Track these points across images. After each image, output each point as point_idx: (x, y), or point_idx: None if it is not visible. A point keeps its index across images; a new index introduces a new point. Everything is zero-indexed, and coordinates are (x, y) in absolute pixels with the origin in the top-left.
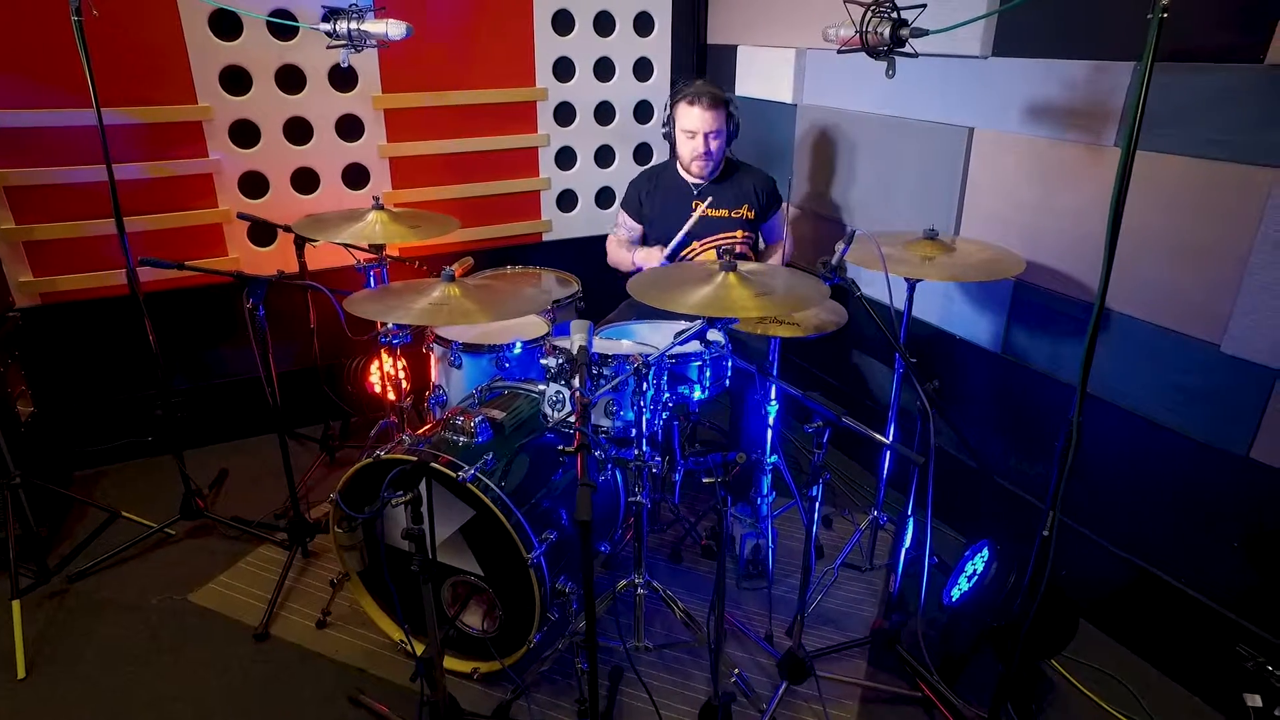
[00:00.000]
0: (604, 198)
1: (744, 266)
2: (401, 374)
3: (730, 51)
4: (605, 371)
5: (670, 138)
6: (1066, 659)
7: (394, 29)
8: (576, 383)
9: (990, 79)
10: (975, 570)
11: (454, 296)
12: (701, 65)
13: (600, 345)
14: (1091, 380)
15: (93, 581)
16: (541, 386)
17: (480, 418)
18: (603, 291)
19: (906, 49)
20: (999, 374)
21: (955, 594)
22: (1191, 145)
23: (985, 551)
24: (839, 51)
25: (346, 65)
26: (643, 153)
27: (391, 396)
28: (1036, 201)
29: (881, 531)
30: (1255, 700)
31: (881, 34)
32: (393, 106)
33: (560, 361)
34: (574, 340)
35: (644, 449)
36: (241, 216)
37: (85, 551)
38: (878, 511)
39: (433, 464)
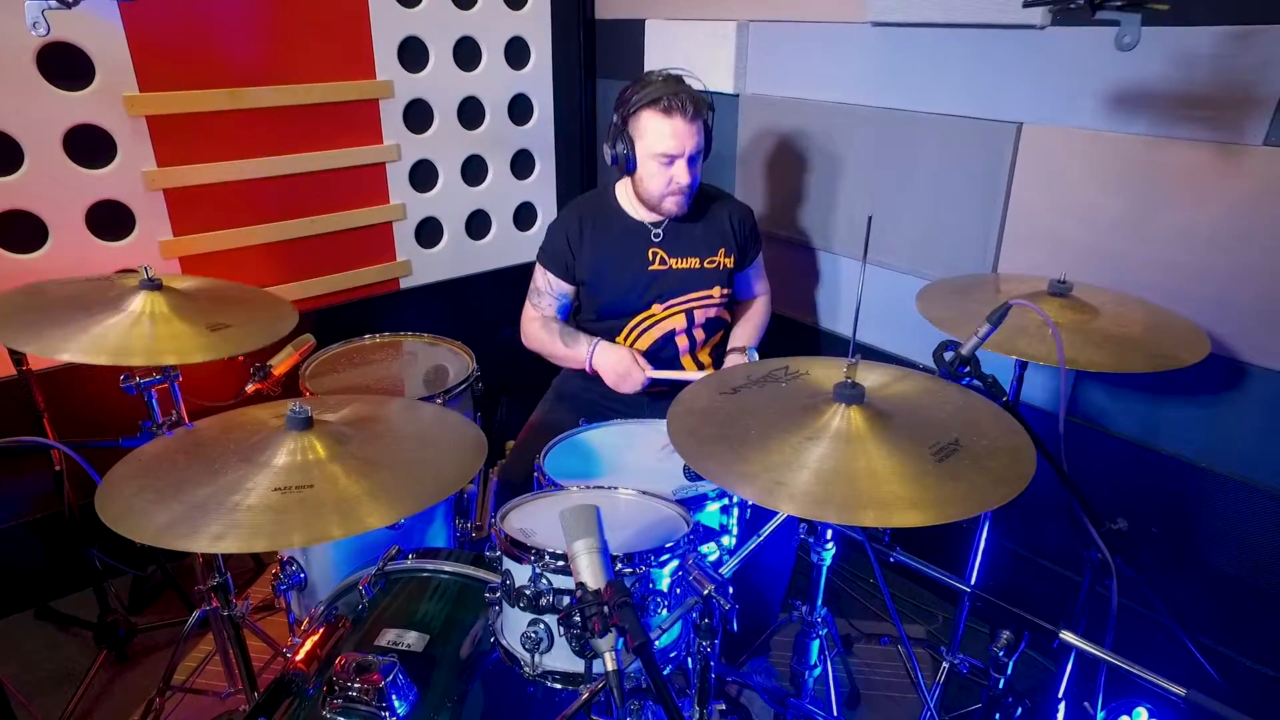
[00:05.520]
0: (477, 225)
1: (874, 387)
2: None
3: (633, 28)
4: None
5: (624, 162)
6: None
7: None
8: (605, 644)
9: (1051, 57)
10: None
11: (318, 462)
12: (591, 45)
13: (554, 506)
14: (1225, 457)
15: None
16: (461, 568)
17: (391, 670)
18: (498, 355)
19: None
20: (1064, 441)
21: None
22: None
23: None
24: (1025, 5)
25: (43, 32)
26: (523, 163)
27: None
28: (1124, 222)
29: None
30: None
31: None
32: (161, 111)
33: (542, 582)
34: (581, 564)
35: (714, 709)
36: None
37: None
38: (954, 657)
39: None
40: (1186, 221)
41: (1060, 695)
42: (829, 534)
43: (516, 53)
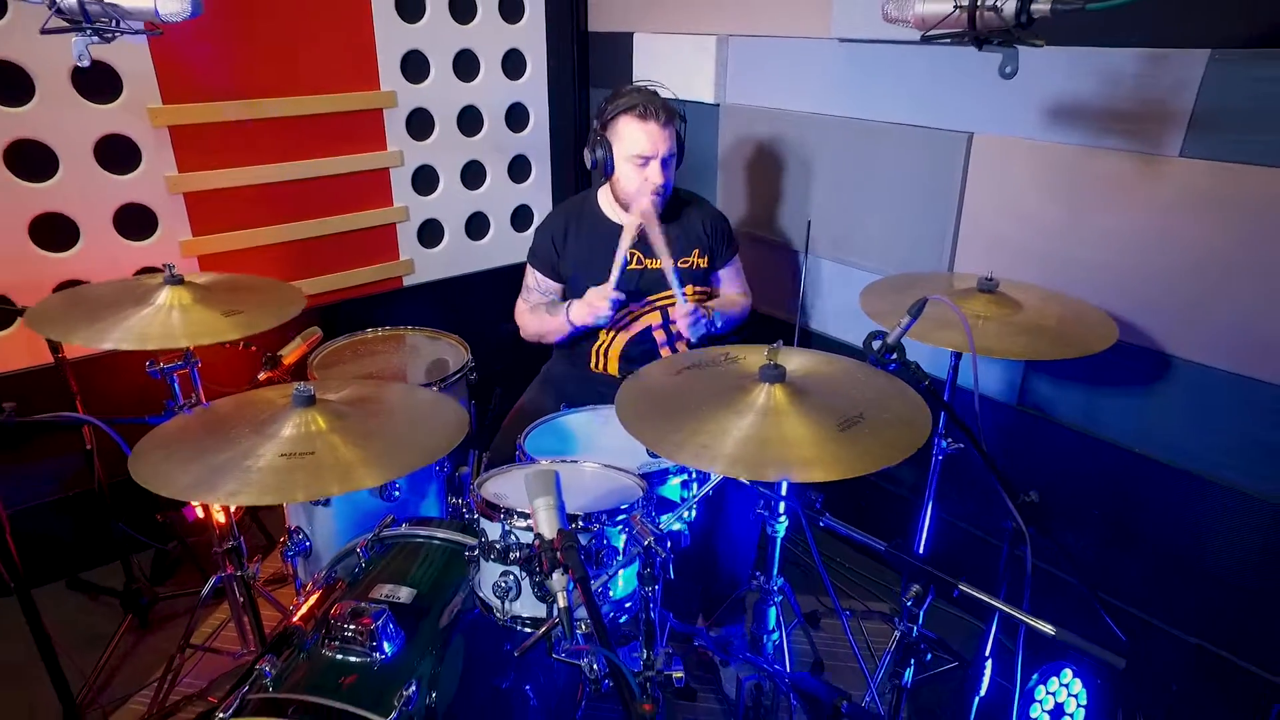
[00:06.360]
0: (476, 226)
1: (797, 370)
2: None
3: (623, 40)
4: (582, 539)
5: (603, 165)
6: None
7: (170, 4)
8: (557, 583)
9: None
10: (1060, 706)
11: (320, 433)
12: (584, 56)
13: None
14: (1153, 443)
15: None
16: (451, 535)
17: (381, 615)
18: (495, 349)
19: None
20: (1016, 429)
21: None
22: None
23: (1072, 679)
24: (923, 39)
25: (86, 63)
26: (519, 167)
27: (221, 518)
28: (1061, 225)
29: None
30: None
31: (1002, 10)
32: (182, 122)
33: (510, 537)
34: (540, 518)
35: (661, 651)
36: None
37: None
38: (905, 624)
39: None
40: (1113, 225)
41: (986, 655)
42: (781, 507)
43: (513, 64)
